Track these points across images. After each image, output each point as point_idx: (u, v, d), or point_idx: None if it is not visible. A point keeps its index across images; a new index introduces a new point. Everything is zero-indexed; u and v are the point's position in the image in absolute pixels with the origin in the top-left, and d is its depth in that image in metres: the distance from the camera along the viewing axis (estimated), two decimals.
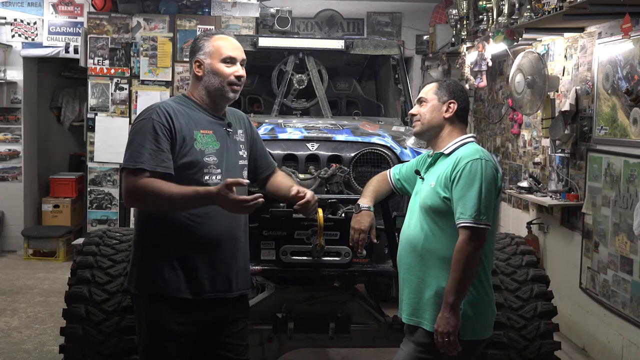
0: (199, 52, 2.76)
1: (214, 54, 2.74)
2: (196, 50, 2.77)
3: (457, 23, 7.30)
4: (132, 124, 2.75)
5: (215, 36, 2.79)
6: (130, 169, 2.58)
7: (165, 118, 2.63)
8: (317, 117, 4.72)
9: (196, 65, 2.76)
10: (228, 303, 2.76)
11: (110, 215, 7.61)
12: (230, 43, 2.78)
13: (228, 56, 2.75)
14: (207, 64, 2.74)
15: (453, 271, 2.64)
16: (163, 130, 2.61)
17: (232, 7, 7.69)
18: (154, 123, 2.61)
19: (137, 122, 2.67)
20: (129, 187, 2.58)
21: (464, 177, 2.67)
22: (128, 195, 2.61)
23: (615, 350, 4.69)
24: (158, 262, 2.66)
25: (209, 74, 2.74)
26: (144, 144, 2.58)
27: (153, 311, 2.67)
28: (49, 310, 5.78)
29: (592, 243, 5.01)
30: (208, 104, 2.77)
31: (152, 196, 2.55)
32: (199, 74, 2.75)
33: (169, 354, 2.69)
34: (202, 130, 2.69)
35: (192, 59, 2.78)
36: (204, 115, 2.74)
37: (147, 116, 2.64)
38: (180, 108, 2.71)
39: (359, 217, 3.08)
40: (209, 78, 2.74)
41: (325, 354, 4.86)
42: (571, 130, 5.28)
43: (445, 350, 2.67)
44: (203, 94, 2.77)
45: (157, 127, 2.60)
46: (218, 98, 2.77)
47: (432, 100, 2.87)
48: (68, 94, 9.35)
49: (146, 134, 2.59)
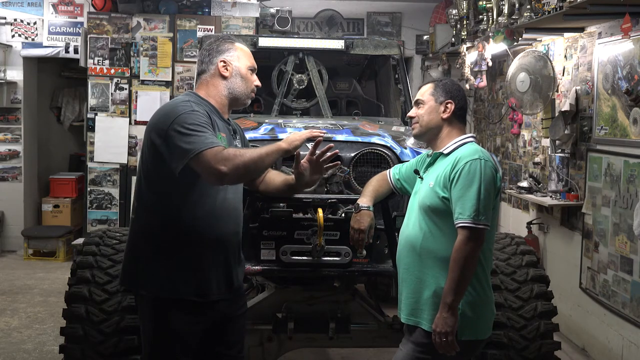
0: (225, 53, 2.80)
1: (241, 59, 2.82)
2: (220, 51, 2.80)
3: (457, 23, 7.30)
4: (169, 121, 2.57)
5: (237, 43, 2.87)
6: (206, 150, 2.49)
7: (205, 112, 2.65)
8: (317, 117, 4.72)
9: (222, 65, 2.78)
10: (229, 302, 2.78)
11: (110, 215, 7.61)
12: (250, 54, 2.90)
13: (253, 65, 2.87)
14: (236, 67, 2.80)
15: (451, 271, 2.64)
16: (208, 122, 2.62)
17: (232, 7, 7.69)
18: (199, 114, 2.60)
19: (178, 117, 2.56)
20: (218, 162, 2.49)
21: (463, 177, 2.67)
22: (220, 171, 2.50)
23: (615, 350, 4.69)
24: (168, 263, 2.65)
25: (236, 76, 2.80)
26: (203, 130, 2.55)
27: (160, 313, 2.66)
28: (49, 310, 5.79)
29: (592, 243, 5.01)
30: (223, 105, 2.79)
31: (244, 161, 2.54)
32: (225, 73, 2.78)
33: (175, 355, 2.69)
34: (221, 133, 2.71)
35: (215, 58, 2.79)
36: (218, 118, 2.76)
37: (187, 110, 2.59)
38: (204, 108, 2.70)
39: (358, 216, 3.08)
40: (236, 80, 2.80)
41: (325, 354, 4.86)
42: (571, 130, 5.28)
43: (443, 350, 2.67)
44: (224, 94, 2.79)
45: (203, 118, 2.60)
46: (236, 102, 2.83)
47: (429, 101, 2.87)
48: (68, 94, 9.35)
49: (200, 123, 2.56)
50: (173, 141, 2.54)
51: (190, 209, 2.63)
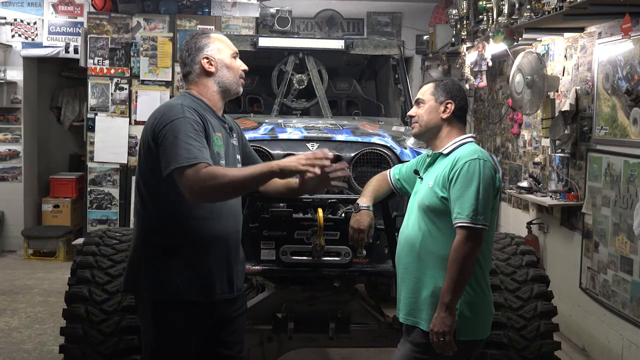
0: (205, 49, 2.76)
1: (222, 50, 2.78)
2: (200, 48, 2.76)
3: (457, 23, 7.30)
4: (160, 126, 2.56)
5: (212, 34, 2.83)
6: (187, 166, 2.46)
7: (197, 116, 2.60)
8: (317, 117, 4.72)
9: (205, 62, 2.74)
10: (229, 302, 2.77)
11: (110, 215, 7.61)
12: (227, 39, 2.86)
13: (235, 51, 2.83)
14: (219, 60, 2.76)
15: (450, 271, 2.63)
16: (200, 128, 2.58)
17: (232, 7, 7.69)
18: (190, 122, 2.55)
19: (170, 124, 2.54)
20: (195, 179, 2.45)
21: (462, 177, 2.67)
22: (197, 187, 2.46)
23: (615, 350, 4.69)
24: (169, 265, 2.63)
25: (222, 69, 2.76)
26: (189, 141, 2.50)
27: (161, 314, 2.65)
28: (49, 310, 5.79)
29: (592, 243, 5.01)
30: (217, 102, 2.77)
31: (222, 183, 2.47)
32: (210, 69, 2.75)
33: (176, 357, 2.68)
34: (217, 133, 2.69)
35: (197, 56, 2.75)
36: (213, 116, 2.74)
37: (179, 116, 2.56)
38: (199, 109, 2.67)
39: (357, 216, 3.08)
40: (222, 73, 2.76)
41: (325, 354, 4.86)
42: (571, 130, 5.28)
43: (441, 350, 2.66)
44: (215, 90, 2.76)
45: (194, 125, 2.56)
46: (228, 93, 2.80)
47: (429, 101, 2.86)
48: (68, 94, 9.35)
49: (188, 133, 2.52)
50: (162, 147, 2.54)
51: (188, 209, 2.62)
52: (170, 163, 2.50)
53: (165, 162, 2.52)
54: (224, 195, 2.59)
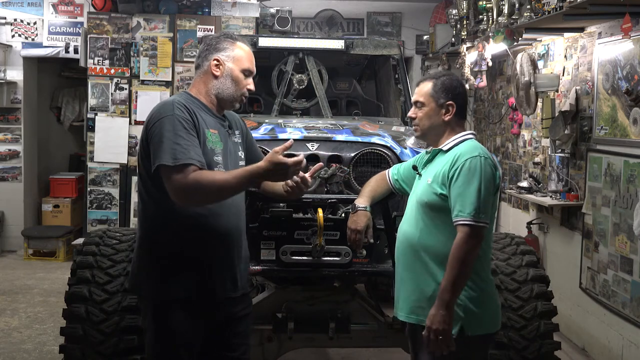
0: (221, 52, 2.72)
1: (236, 60, 2.73)
2: (217, 48, 2.72)
3: (457, 23, 7.30)
4: (151, 123, 2.57)
5: (238, 42, 2.77)
6: (172, 167, 2.45)
7: (187, 113, 2.58)
8: (317, 117, 4.73)
9: (214, 63, 2.71)
10: (233, 302, 2.75)
11: (110, 215, 7.61)
12: (251, 55, 2.78)
13: (248, 68, 2.76)
14: (228, 68, 2.71)
15: (450, 268, 2.61)
16: (190, 126, 2.55)
17: (232, 7, 7.69)
18: (179, 119, 2.53)
19: (158, 121, 2.54)
20: (180, 185, 2.45)
21: (463, 174, 2.66)
22: (182, 193, 2.47)
23: (615, 350, 4.69)
24: (170, 265, 2.63)
25: (226, 77, 2.71)
26: (177, 140, 2.48)
27: (163, 315, 2.64)
28: (49, 310, 5.78)
29: (592, 243, 5.01)
30: (214, 105, 2.74)
31: (208, 188, 2.46)
32: (216, 72, 2.71)
33: (179, 357, 2.67)
34: (211, 129, 2.67)
35: (210, 55, 2.72)
36: (209, 114, 2.72)
37: (168, 113, 2.55)
38: (191, 106, 2.65)
39: (355, 217, 3.08)
40: (225, 81, 2.71)
41: (325, 354, 4.86)
42: (571, 130, 5.28)
43: (437, 348, 2.62)
44: (212, 93, 2.72)
45: (183, 123, 2.53)
46: (224, 103, 2.75)
47: (429, 103, 2.82)
48: (68, 94, 9.35)
49: (176, 130, 2.50)
50: (151, 145, 2.55)
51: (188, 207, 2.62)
52: (155, 160, 2.50)
53: (152, 159, 2.53)
54: (208, 202, 2.58)
